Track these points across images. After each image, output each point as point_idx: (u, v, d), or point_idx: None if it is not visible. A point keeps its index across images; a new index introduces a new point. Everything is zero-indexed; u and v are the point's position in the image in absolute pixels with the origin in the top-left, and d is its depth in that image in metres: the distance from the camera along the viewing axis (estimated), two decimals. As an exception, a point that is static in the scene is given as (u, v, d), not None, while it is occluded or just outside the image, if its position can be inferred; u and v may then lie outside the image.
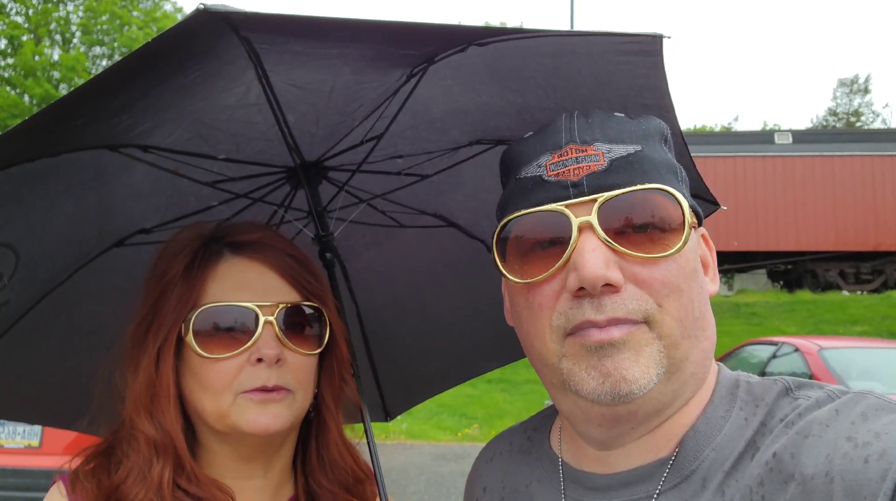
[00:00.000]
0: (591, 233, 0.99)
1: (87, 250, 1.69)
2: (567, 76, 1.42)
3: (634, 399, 0.98)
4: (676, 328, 0.99)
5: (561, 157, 1.04)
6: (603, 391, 0.97)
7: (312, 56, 1.32)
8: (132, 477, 1.27)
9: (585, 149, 1.03)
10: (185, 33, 1.02)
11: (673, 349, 0.99)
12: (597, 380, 0.98)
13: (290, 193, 1.81)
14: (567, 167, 1.03)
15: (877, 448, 0.84)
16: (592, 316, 0.97)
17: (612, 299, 0.97)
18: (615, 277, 0.97)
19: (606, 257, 0.97)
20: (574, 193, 1.01)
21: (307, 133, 1.61)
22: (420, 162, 1.79)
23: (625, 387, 0.97)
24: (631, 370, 0.97)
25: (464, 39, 1.35)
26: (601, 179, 1.01)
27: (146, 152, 1.49)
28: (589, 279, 0.96)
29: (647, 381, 0.97)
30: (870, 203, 20.88)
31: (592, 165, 1.02)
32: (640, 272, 0.98)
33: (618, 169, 1.01)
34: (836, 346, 9.01)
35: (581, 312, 0.98)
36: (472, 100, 1.59)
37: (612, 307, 0.97)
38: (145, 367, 1.33)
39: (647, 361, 0.97)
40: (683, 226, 1.01)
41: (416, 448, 11.97)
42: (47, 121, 1.17)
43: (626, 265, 0.98)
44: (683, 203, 1.01)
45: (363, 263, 2.06)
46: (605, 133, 1.05)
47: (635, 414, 1.01)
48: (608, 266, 0.97)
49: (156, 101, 1.32)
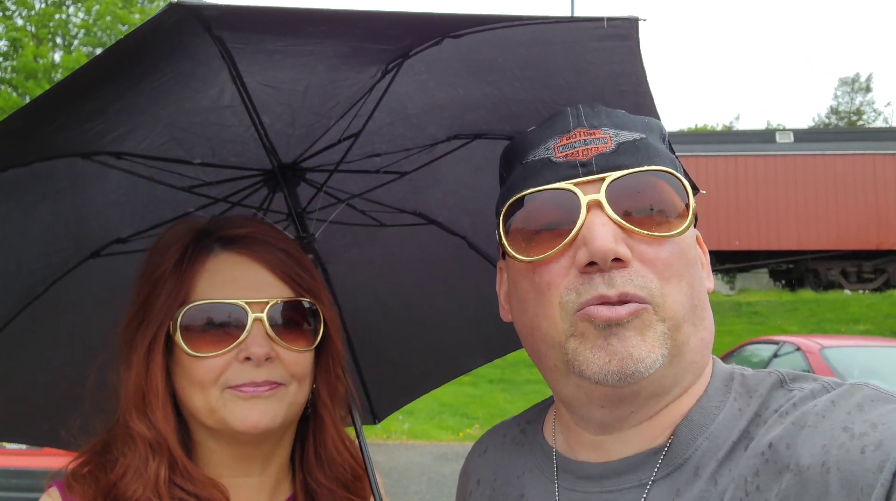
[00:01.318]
0: (599, 211, 0.99)
1: (64, 262, 1.66)
2: (543, 66, 1.41)
3: (639, 380, 0.98)
4: (677, 311, 0.99)
5: (569, 139, 1.06)
6: (609, 371, 0.97)
7: (286, 55, 1.31)
8: (129, 475, 1.25)
9: (593, 132, 1.05)
10: (157, 29, 1.00)
11: (675, 332, 0.99)
12: (603, 359, 0.97)
13: (268, 196, 1.79)
14: (576, 149, 1.04)
15: (873, 438, 0.84)
16: (604, 291, 0.97)
17: (621, 274, 0.97)
18: (624, 251, 0.97)
19: (615, 232, 0.98)
20: (583, 172, 1.02)
21: (283, 134, 1.59)
22: (398, 159, 1.77)
23: (631, 366, 0.96)
24: (638, 348, 0.96)
25: (439, 29, 1.34)
26: (610, 160, 1.02)
27: (119, 159, 1.47)
28: (600, 252, 0.96)
29: (652, 361, 0.97)
30: (871, 202, 20.87)
31: (601, 147, 1.03)
32: (647, 251, 0.99)
33: (625, 152, 1.03)
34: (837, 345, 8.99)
35: (593, 286, 0.98)
36: (449, 94, 1.58)
37: (622, 281, 0.97)
38: (136, 365, 1.31)
39: (653, 340, 0.97)
40: (688, 212, 1.03)
41: (417, 448, 11.96)
42: (19, 126, 1.15)
43: (632, 243, 0.99)
44: (688, 189, 1.04)
45: (344, 264, 2.04)
46: (611, 120, 1.07)
47: (637, 396, 1.01)
48: (617, 241, 0.97)
49: (129, 104, 1.29)
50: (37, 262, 1.61)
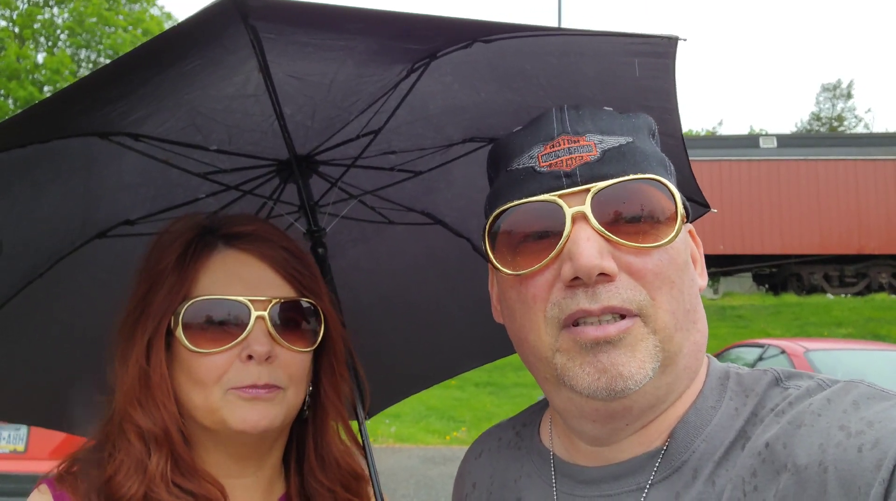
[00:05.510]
0: (584, 223, 0.98)
1: (71, 240, 1.64)
2: (570, 76, 1.41)
3: (629, 394, 0.97)
4: (670, 320, 0.99)
5: (553, 148, 1.04)
6: (599, 387, 0.97)
7: (318, 48, 1.30)
8: (122, 472, 1.23)
9: (578, 139, 1.03)
10: (207, 19, 0.99)
11: (667, 343, 0.99)
12: (592, 376, 0.97)
13: (279, 186, 1.78)
14: (560, 158, 1.02)
15: (870, 436, 0.84)
16: (587, 305, 0.96)
17: (606, 288, 0.96)
18: (609, 266, 0.96)
19: (601, 246, 0.97)
20: (567, 183, 1.00)
21: (301, 126, 1.58)
22: (412, 158, 1.76)
23: (621, 383, 0.96)
24: (627, 366, 0.96)
25: (473, 34, 1.33)
26: (594, 170, 1.00)
27: (137, 141, 1.45)
28: (585, 268, 0.95)
29: (642, 376, 0.97)
30: (853, 207, 21.12)
31: (585, 156, 1.01)
32: (634, 263, 0.98)
33: (610, 159, 1.01)
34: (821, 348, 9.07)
35: (575, 301, 0.97)
36: (471, 97, 1.57)
37: (607, 296, 0.96)
38: (135, 360, 1.29)
39: (644, 356, 0.97)
40: (676, 217, 1.00)
41: (404, 452, 11.92)
42: (50, 109, 1.14)
43: (619, 255, 0.98)
44: (676, 194, 1.01)
45: (349, 260, 2.03)
46: (596, 125, 1.05)
47: (630, 410, 1.01)
48: (603, 255, 0.96)
49: (155, 88, 1.28)
50: (44, 239, 1.59)
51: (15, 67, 26.33)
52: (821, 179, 21.27)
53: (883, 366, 8.58)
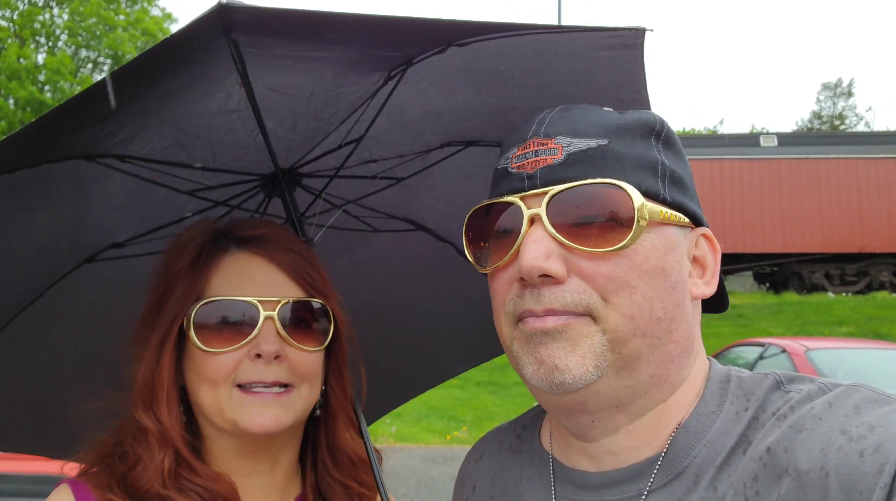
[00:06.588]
0: (539, 225, 1.00)
1: (60, 265, 1.65)
2: (545, 75, 1.43)
3: (576, 390, 0.99)
4: (624, 324, 0.98)
5: (524, 149, 1.06)
6: (539, 378, 1.00)
7: (298, 59, 1.32)
8: (140, 466, 1.27)
9: (546, 142, 1.04)
10: (192, 34, 1.01)
11: (619, 345, 0.98)
12: (533, 366, 1.00)
13: (265, 200, 1.79)
14: (527, 160, 1.05)
15: (871, 441, 0.84)
16: (531, 306, 1.00)
17: (551, 291, 0.98)
18: (553, 268, 0.97)
19: (549, 248, 0.98)
20: (528, 185, 1.03)
21: (283, 139, 1.60)
22: (393, 166, 1.78)
23: (557, 376, 0.98)
24: (564, 359, 0.98)
25: (447, 37, 1.35)
26: (555, 173, 1.02)
27: (123, 162, 1.47)
28: (525, 269, 0.98)
29: (581, 372, 0.97)
30: (854, 205, 21.15)
31: (549, 159, 1.03)
32: (586, 266, 0.98)
33: (574, 163, 1.01)
34: (822, 347, 9.09)
35: (522, 302, 1.01)
36: (447, 101, 1.59)
37: (550, 299, 0.98)
38: (148, 361, 1.32)
39: (585, 352, 0.98)
40: (633, 221, 0.98)
41: (405, 451, 11.90)
42: (40, 130, 1.15)
43: (572, 259, 0.99)
44: (635, 199, 0.98)
45: (334, 270, 2.02)
46: (570, 127, 1.04)
47: (584, 406, 1.02)
48: (548, 258, 0.98)
49: (141, 105, 1.30)
50: (35, 266, 1.60)
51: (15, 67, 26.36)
52: (822, 178, 21.31)
53: (884, 365, 8.61)
